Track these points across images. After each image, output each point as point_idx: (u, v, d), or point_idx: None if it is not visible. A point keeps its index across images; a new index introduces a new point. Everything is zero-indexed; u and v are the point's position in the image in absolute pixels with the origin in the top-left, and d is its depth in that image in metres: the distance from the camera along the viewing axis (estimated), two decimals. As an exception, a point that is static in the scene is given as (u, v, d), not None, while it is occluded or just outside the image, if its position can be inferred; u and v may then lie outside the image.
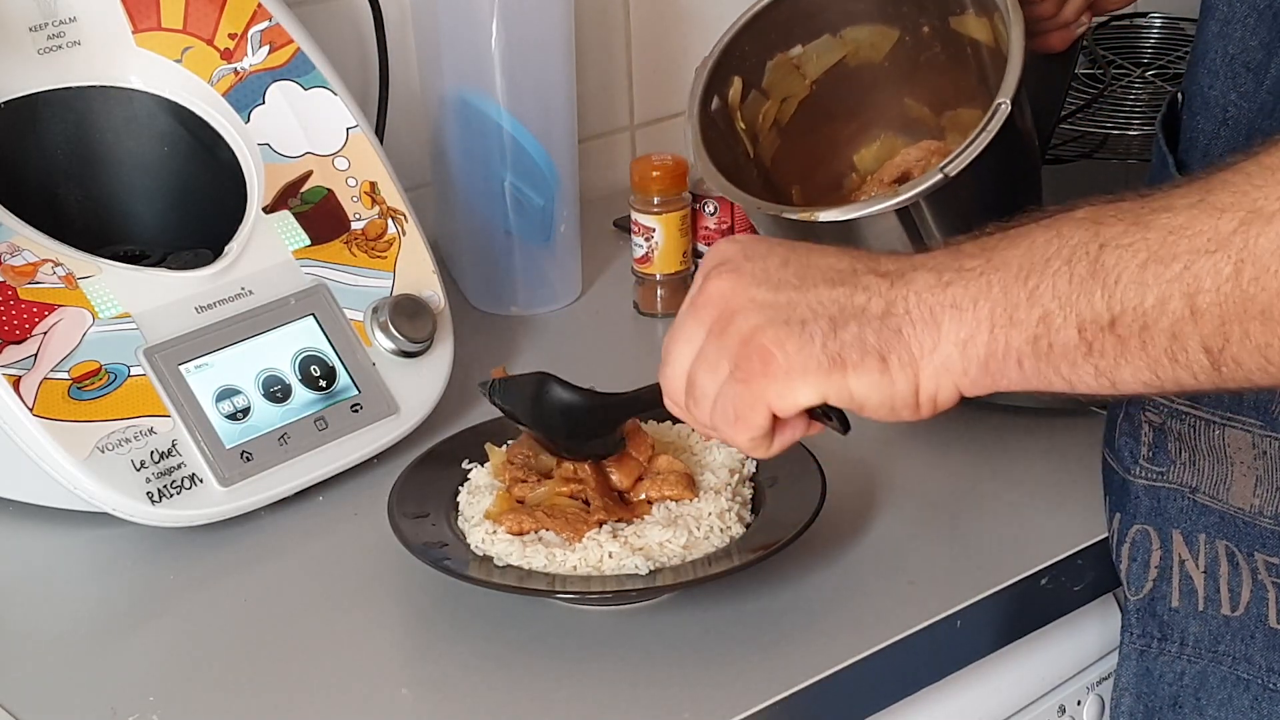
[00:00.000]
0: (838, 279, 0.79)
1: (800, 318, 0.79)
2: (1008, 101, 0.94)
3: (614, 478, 1.01)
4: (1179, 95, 1.00)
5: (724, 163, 1.05)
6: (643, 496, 1.01)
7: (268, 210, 1.17)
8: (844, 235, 0.97)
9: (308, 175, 1.19)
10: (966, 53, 1.03)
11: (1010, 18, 0.97)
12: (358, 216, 1.20)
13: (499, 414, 1.14)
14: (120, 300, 1.09)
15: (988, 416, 1.19)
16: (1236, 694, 0.97)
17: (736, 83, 1.06)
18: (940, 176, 0.95)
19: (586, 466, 1.01)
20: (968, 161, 0.94)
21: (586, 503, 1.00)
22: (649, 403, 0.91)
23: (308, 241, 1.17)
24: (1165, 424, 0.97)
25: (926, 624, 0.97)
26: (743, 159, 1.07)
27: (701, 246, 1.39)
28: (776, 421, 0.82)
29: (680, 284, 1.39)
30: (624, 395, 0.99)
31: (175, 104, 1.19)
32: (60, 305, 1.07)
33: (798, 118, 1.09)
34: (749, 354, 0.80)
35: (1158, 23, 1.69)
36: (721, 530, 0.99)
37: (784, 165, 1.09)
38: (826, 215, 0.97)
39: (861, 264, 0.80)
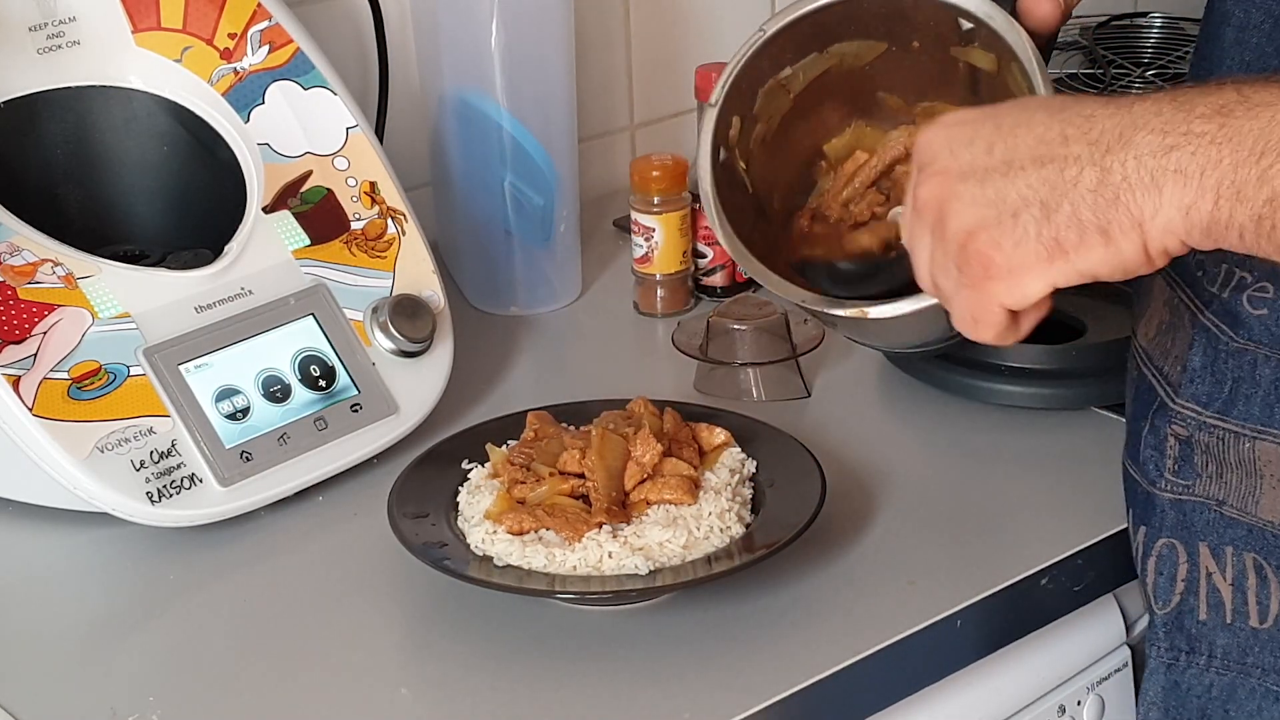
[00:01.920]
0: (1046, 155, 0.77)
1: (1012, 209, 0.77)
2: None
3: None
4: None
5: (743, 217, 1.03)
6: (643, 498, 1.01)
7: (267, 210, 1.17)
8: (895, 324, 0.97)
9: (307, 175, 1.19)
10: (959, 68, 1.03)
11: (1036, 79, 0.95)
12: (357, 216, 1.20)
13: (498, 414, 1.15)
14: (120, 300, 1.09)
15: (988, 416, 1.19)
16: (1266, 706, 0.97)
17: (736, 123, 1.05)
18: None
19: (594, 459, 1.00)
20: None
21: (587, 501, 1.00)
22: None
23: (307, 241, 1.17)
24: (1193, 437, 0.96)
25: (926, 624, 0.97)
26: (747, 197, 1.06)
27: (701, 246, 1.39)
28: (1015, 313, 0.81)
29: (680, 283, 1.39)
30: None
31: (175, 104, 1.19)
32: (60, 305, 1.07)
33: (780, 131, 1.08)
34: (968, 259, 0.79)
35: (1158, 23, 1.69)
36: (721, 530, 0.99)
37: (766, 178, 1.09)
38: (877, 312, 0.96)
39: (1073, 128, 0.77)
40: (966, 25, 0.99)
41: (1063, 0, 0.98)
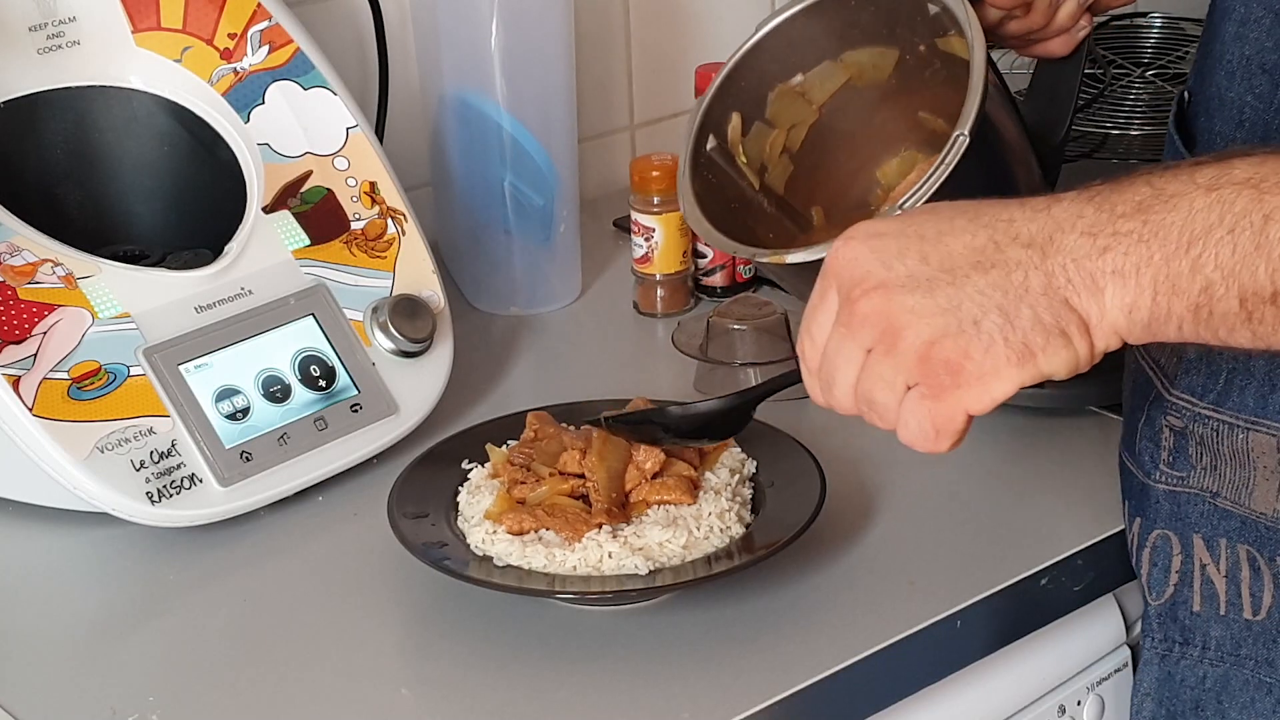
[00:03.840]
0: (985, 261, 0.77)
1: (971, 317, 0.77)
2: (965, 133, 0.92)
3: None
4: (1185, 94, 1.00)
5: (724, 198, 1.04)
6: (643, 498, 1.01)
7: (267, 210, 1.17)
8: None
9: (307, 175, 1.19)
10: (963, 68, 1.03)
11: (972, 42, 0.96)
12: (357, 216, 1.20)
13: (498, 414, 1.15)
14: (120, 300, 1.09)
15: (988, 416, 1.18)
16: (1259, 697, 0.97)
17: (735, 118, 1.06)
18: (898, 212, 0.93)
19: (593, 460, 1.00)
20: (925, 198, 0.93)
21: (586, 501, 1.00)
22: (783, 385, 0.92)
23: (307, 241, 1.17)
24: (1187, 428, 0.97)
25: (926, 624, 0.97)
26: (749, 192, 1.07)
27: (702, 247, 1.39)
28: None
29: (680, 283, 1.39)
30: (757, 388, 1.00)
31: (175, 104, 1.19)
32: (60, 305, 1.07)
33: (810, 141, 1.09)
34: (933, 370, 0.78)
35: (1158, 23, 1.69)
36: (721, 530, 0.99)
37: (801, 189, 1.09)
38: (794, 257, 0.96)
39: (999, 233, 0.77)
40: (933, 9, 0.99)
41: None
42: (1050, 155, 1.10)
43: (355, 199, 1.20)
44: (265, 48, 1.20)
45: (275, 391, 1.11)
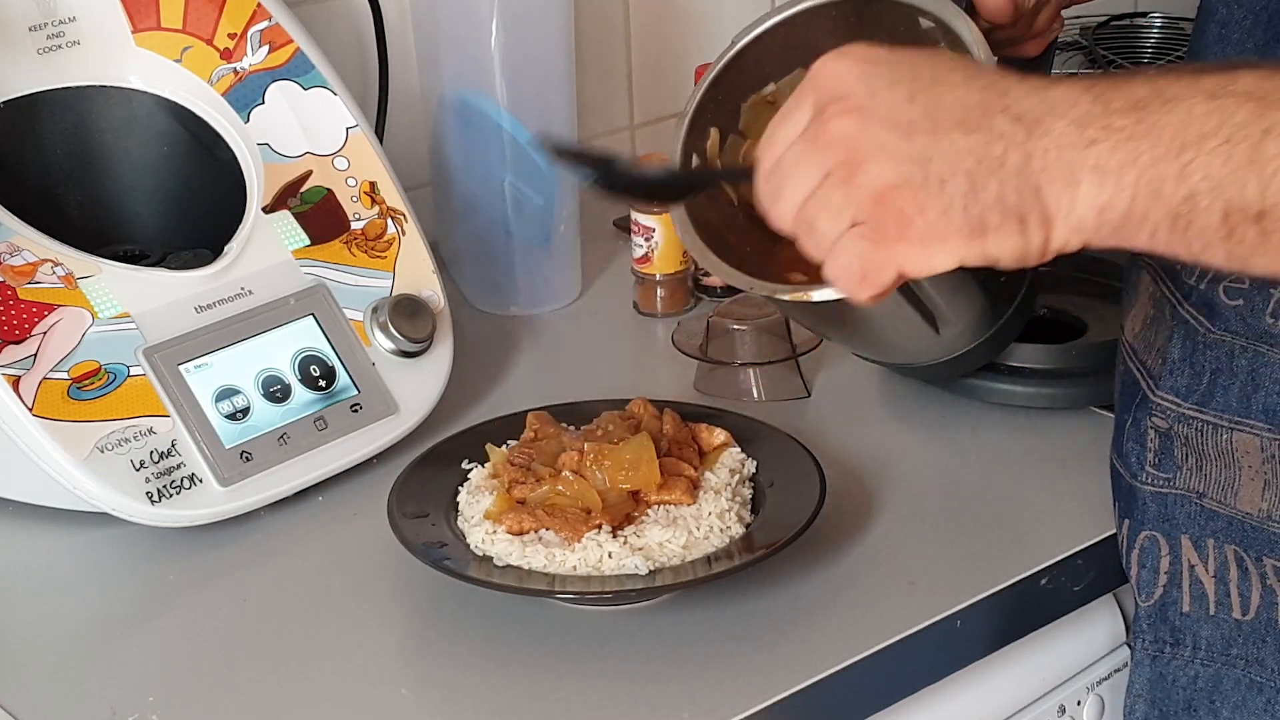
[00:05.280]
0: (970, 121, 0.74)
1: (939, 174, 0.74)
2: None
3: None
4: None
5: (712, 223, 1.04)
6: (642, 499, 1.01)
7: (267, 210, 1.17)
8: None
9: (307, 175, 1.19)
10: None
11: (979, 59, 0.95)
12: (357, 216, 1.20)
13: (498, 414, 1.15)
14: (120, 300, 1.09)
15: (988, 416, 1.19)
16: (1250, 697, 0.97)
17: (714, 133, 1.05)
18: None
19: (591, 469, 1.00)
20: None
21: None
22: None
23: (307, 241, 1.17)
24: (1172, 429, 0.97)
25: (926, 624, 0.97)
26: (728, 207, 1.07)
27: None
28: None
29: (680, 283, 1.39)
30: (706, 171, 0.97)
31: (175, 104, 1.19)
32: (60, 305, 1.07)
33: None
34: (883, 215, 0.75)
35: (1158, 23, 1.69)
36: (721, 530, 0.99)
37: None
38: (820, 294, 0.94)
39: (994, 98, 0.74)
40: (926, 24, 0.99)
41: None
42: None
43: (355, 199, 1.20)
44: (265, 48, 1.20)
45: (275, 391, 1.11)
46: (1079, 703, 1.11)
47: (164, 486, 1.05)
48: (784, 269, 1.00)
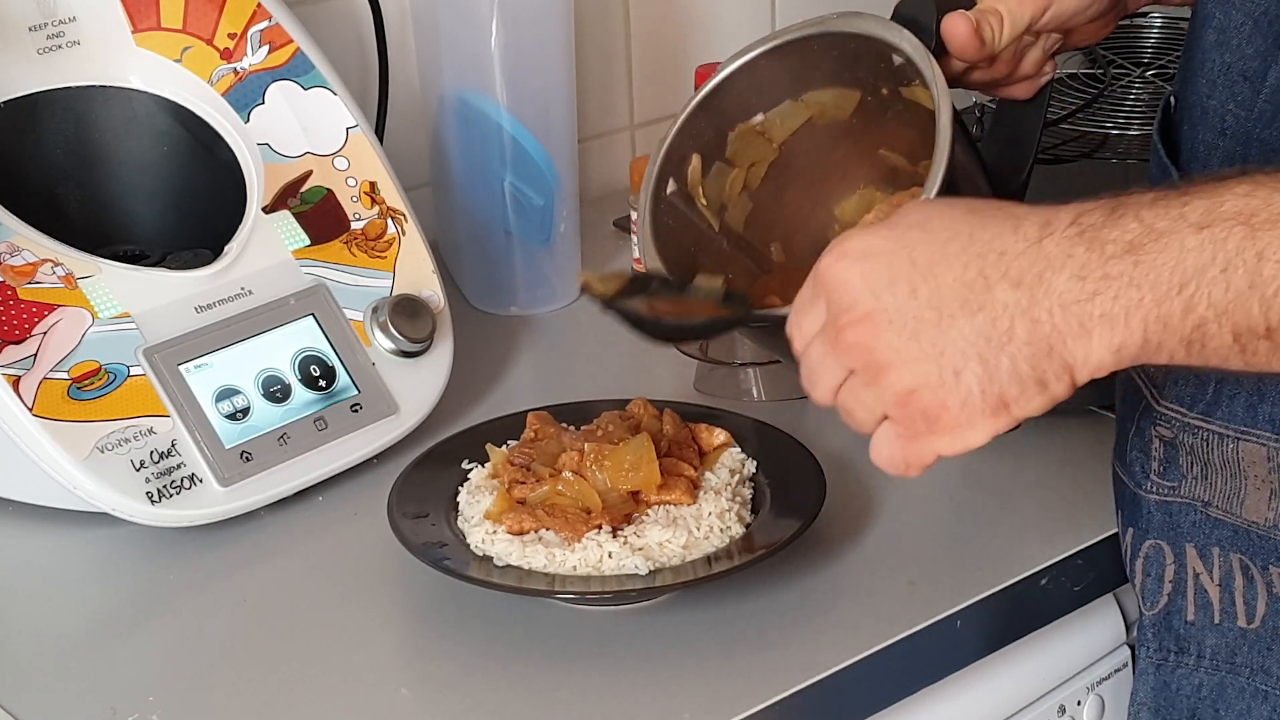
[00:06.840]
0: (974, 301, 0.77)
1: (953, 366, 0.77)
2: (931, 199, 0.92)
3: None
4: (1172, 99, 1.00)
5: (681, 245, 1.04)
6: (642, 499, 1.01)
7: (267, 210, 1.17)
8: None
9: (307, 175, 1.19)
10: (925, 113, 1.03)
11: (939, 103, 0.95)
12: (357, 216, 1.20)
13: (498, 414, 1.15)
14: (120, 300, 1.09)
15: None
16: (1255, 705, 0.97)
17: (695, 160, 1.06)
18: None
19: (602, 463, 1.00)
20: None
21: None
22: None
23: (307, 241, 1.17)
24: (1177, 438, 0.96)
25: (926, 624, 0.97)
26: (708, 233, 1.07)
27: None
28: None
29: (680, 284, 1.38)
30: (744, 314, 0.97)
31: (175, 104, 1.19)
32: (60, 305, 1.07)
33: (769, 179, 1.09)
34: (911, 415, 0.79)
35: (1158, 23, 1.69)
36: (721, 530, 0.99)
37: (759, 226, 1.09)
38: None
39: (991, 268, 0.77)
40: (898, 60, 0.99)
41: (983, 30, 0.98)
42: (1011, 199, 1.09)
43: (355, 199, 1.20)
44: (265, 48, 1.20)
45: (275, 391, 1.11)
46: (1079, 703, 1.11)
47: (164, 486, 1.05)
48: (759, 295, 1.01)
